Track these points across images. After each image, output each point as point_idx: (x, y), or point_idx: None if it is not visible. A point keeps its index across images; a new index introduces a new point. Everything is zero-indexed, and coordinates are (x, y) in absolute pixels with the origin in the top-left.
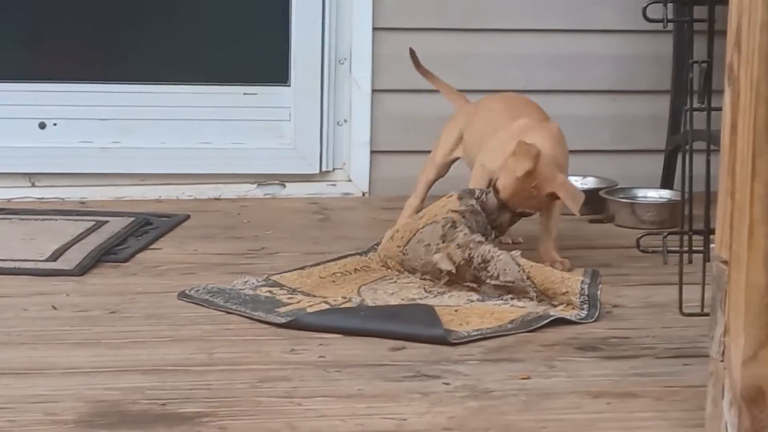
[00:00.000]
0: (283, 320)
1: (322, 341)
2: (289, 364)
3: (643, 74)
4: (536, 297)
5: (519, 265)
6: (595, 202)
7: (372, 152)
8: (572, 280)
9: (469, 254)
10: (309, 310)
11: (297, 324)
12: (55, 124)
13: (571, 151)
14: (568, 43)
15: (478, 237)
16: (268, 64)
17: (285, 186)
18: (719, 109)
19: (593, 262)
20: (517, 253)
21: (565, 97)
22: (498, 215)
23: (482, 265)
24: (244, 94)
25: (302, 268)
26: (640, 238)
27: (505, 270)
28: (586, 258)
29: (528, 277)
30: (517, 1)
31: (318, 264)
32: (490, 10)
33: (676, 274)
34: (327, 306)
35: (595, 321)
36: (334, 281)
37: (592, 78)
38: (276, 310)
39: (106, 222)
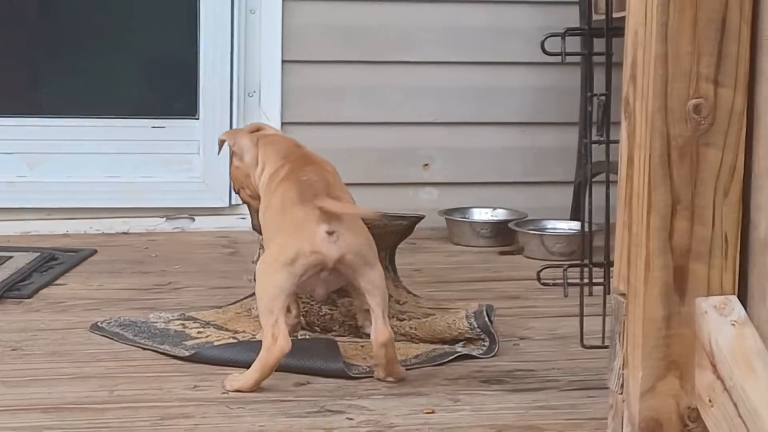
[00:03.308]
0: (187, 353)
1: (227, 377)
2: (191, 401)
3: (552, 106)
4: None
5: (404, 335)
6: (505, 234)
7: None
8: (458, 321)
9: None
10: (216, 344)
11: (199, 357)
12: None
13: (482, 183)
14: (480, 75)
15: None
16: (177, 97)
17: (194, 220)
18: (617, 141)
19: (502, 294)
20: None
21: (476, 129)
22: None
23: None
24: (153, 127)
25: (219, 307)
26: (541, 270)
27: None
28: (495, 290)
29: (419, 339)
30: (430, 34)
31: (236, 302)
32: (401, 43)
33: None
34: (234, 340)
35: (500, 354)
36: (249, 315)
37: (503, 110)
38: (183, 343)
39: (10, 257)
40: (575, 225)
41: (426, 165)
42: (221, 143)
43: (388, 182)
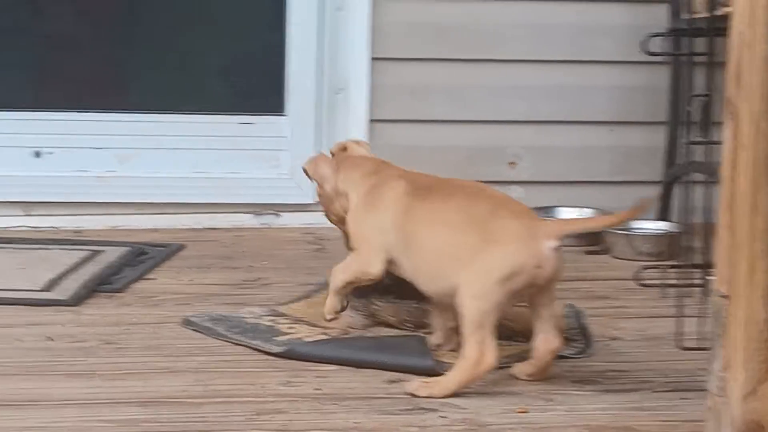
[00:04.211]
0: (279, 349)
1: (319, 373)
2: (285, 397)
3: (640, 105)
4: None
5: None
6: (591, 233)
7: None
8: None
9: None
10: (307, 340)
11: (291, 354)
12: (50, 153)
13: (568, 182)
14: (568, 73)
15: None
16: (264, 93)
17: (280, 216)
18: (718, 142)
19: (590, 293)
20: None
21: (563, 128)
22: None
23: None
24: (241, 123)
25: (308, 296)
26: (640, 271)
27: None
28: (583, 290)
29: (512, 330)
30: (518, 32)
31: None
32: (490, 41)
33: (673, 306)
34: (325, 336)
35: (592, 354)
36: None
37: (590, 109)
38: (274, 338)
39: (102, 252)
40: (663, 225)
41: (512, 163)
42: (305, 172)
43: (476, 180)
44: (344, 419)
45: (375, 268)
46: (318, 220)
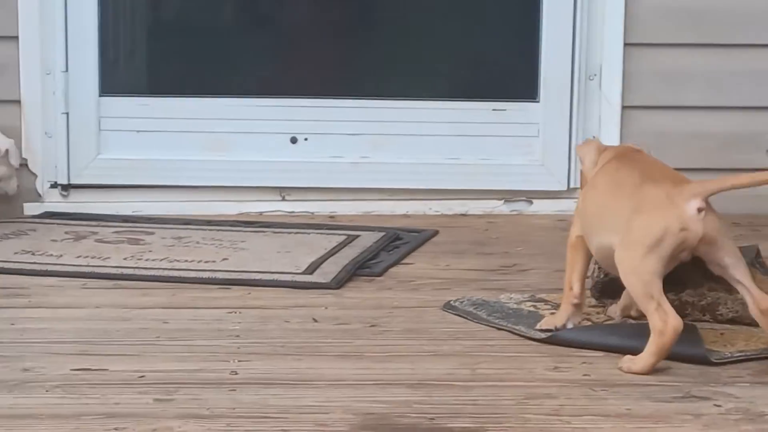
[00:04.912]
0: (543, 336)
1: (585, 359)
2: (553, 382)
3: None
4: None
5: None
6: None
7: None
8: None
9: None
10: (570, 326)
11: (556, 340)
12: (306, 139)
13: None
14: None
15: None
16: (517, 80)
17: (532, 203)
18: None
19: None
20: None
21: None
22: None
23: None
24: (493, 110)
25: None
26: None
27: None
28: None
29: None
30: None
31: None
32: (747, 25)
33: None
34: (589, 323)
35: None
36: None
37: None
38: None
39: (357, 236)
40: None
41: None
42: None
43: (729, 168)
44: (616, 405)
45: (573, 235)
46: (570, 207)
